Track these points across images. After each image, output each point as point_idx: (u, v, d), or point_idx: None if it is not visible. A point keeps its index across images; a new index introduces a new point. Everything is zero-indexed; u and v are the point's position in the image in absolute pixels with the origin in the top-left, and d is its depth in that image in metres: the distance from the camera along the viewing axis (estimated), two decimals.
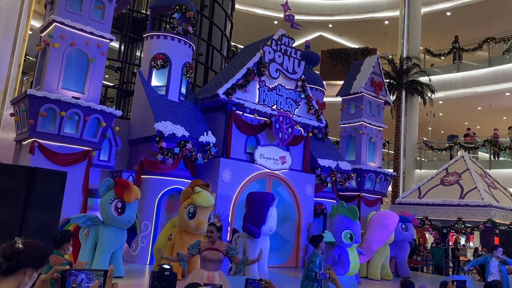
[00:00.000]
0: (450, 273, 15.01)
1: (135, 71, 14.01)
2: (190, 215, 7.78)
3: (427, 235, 18.08)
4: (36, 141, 8.77)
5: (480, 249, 14.54)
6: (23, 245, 2.38)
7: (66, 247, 4.69)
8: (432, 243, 16.40)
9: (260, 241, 8.71)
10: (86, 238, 7.48)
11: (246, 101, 11.36)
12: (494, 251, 9.37)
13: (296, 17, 14.41)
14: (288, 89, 12.31)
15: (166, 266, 4.14)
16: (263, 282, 2.87)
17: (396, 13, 24.43)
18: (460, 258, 16.42)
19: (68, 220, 7.86)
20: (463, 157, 16.46)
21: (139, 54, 14.86)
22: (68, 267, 1.85)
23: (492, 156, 20.39)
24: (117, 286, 1.79)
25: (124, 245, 7.90)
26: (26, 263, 2.34)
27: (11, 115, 9.86)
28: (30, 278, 2.38)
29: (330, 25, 27.29)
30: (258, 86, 11.70)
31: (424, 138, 23.55)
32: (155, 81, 11.38)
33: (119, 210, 7.34)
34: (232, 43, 21.01)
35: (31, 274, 2.37)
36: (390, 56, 23.17)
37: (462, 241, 21.46)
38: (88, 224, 7.50)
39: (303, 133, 12.70)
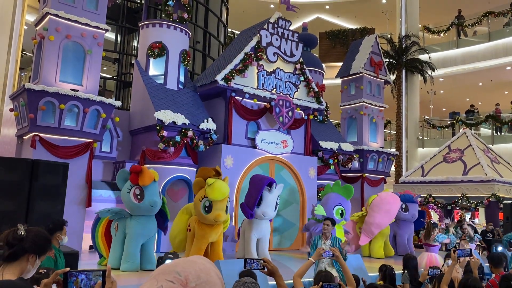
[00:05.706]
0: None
1: (133, 61, 13.95)
2: (206, 209, 7.66)
3: (432, 213, 18.16)
4: (37, 135, 8.79)
5: (484, 224, 14.56)
6: (25, 231, 2.40)
7: (58, 237, 4.45)
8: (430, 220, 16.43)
9: (256, 224, 8.66)
10: (116, 231, 7.45)
11: (245, 86, 11.32)
12: None
13: None
14: (287, 72, 12.25)
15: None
16: (262, 261, 2.91)
17: None
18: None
19: (99, 218, 7.80)
20: (465, 133, 16.42)
21: (136, 45, 14.78)
22: (68, 268, 1.90)
23: (494, 131, 20.33)
24: (116, 285, 1.85)
25: (154, 236, 7.82)
26: (29, 250, 2.35)
27: (11, 110, 9.87)
28: (33, 265, 2.40)
29: (327, 7, 27.01)
30: (256, 71, 11.65)
31: (426, 117, 23.47)
32: (153, 70, 11.34)
33: (138, 196, 7.20)
34: (229, 29, 20.84)
35: (34, 261, 2.38)
36: (389, 35, 22.97)
37: (467, 217, 21.49)
38: (118, 217, 7.45)
39: (303, 116, 12.67)
